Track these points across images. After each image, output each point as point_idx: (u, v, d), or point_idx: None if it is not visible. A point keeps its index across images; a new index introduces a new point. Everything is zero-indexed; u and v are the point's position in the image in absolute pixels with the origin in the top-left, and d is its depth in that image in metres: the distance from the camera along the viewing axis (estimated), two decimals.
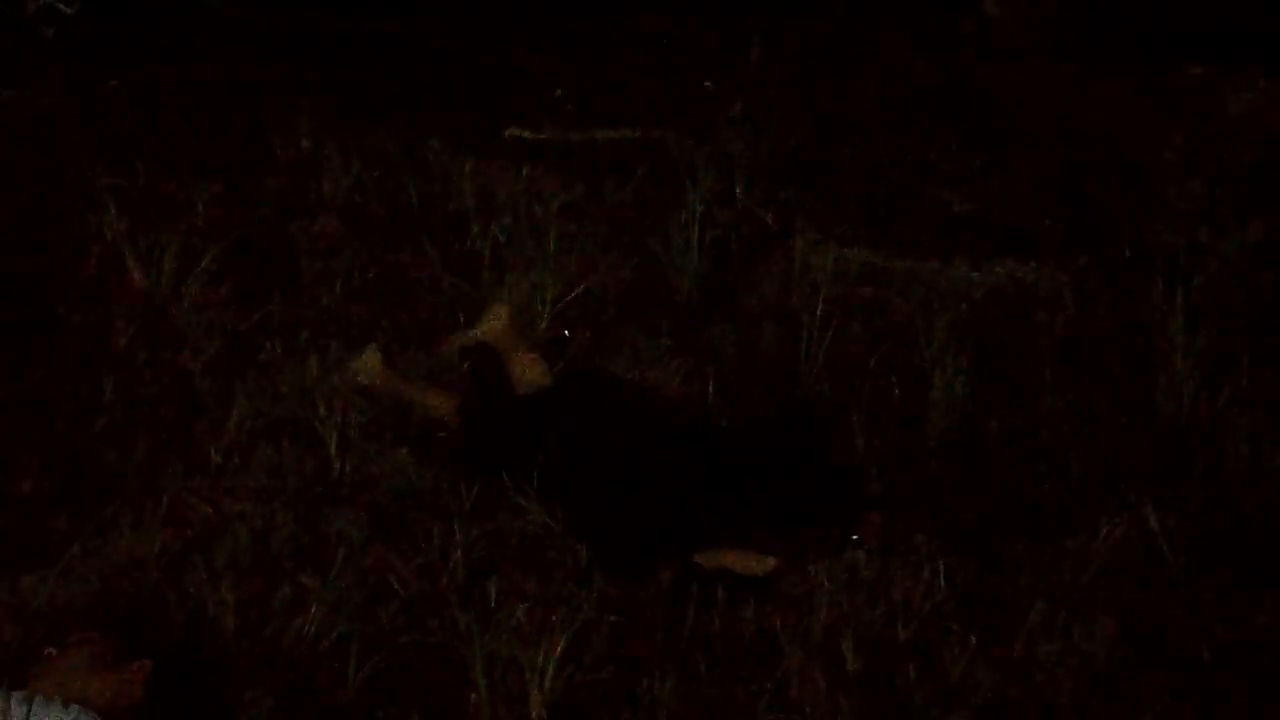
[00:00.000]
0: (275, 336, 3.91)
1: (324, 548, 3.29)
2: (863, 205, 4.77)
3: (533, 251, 4.24)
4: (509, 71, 5.45)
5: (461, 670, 3.04)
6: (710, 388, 3.89)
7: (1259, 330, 4.17)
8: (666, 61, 5.59)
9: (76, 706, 2.61)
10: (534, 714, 2.97)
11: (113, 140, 4.73)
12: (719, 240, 4.42)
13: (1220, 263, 4.47)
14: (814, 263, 4.36)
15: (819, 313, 4.05)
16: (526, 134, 5.06)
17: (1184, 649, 3.21)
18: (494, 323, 3.91)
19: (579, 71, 5.47)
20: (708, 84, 5.46)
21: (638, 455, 3.51)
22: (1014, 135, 5.19)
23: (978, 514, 3.56)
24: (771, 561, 3.30)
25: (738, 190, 4.68)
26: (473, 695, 2.99)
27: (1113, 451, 3.74)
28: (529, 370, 3.79)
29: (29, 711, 2.56)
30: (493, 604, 3.17)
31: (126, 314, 3.91)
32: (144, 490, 3.40)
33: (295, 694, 2.98)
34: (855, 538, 3.39)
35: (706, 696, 3.05)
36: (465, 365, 3.87)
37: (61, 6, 5.37)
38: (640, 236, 4.42)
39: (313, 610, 3.10)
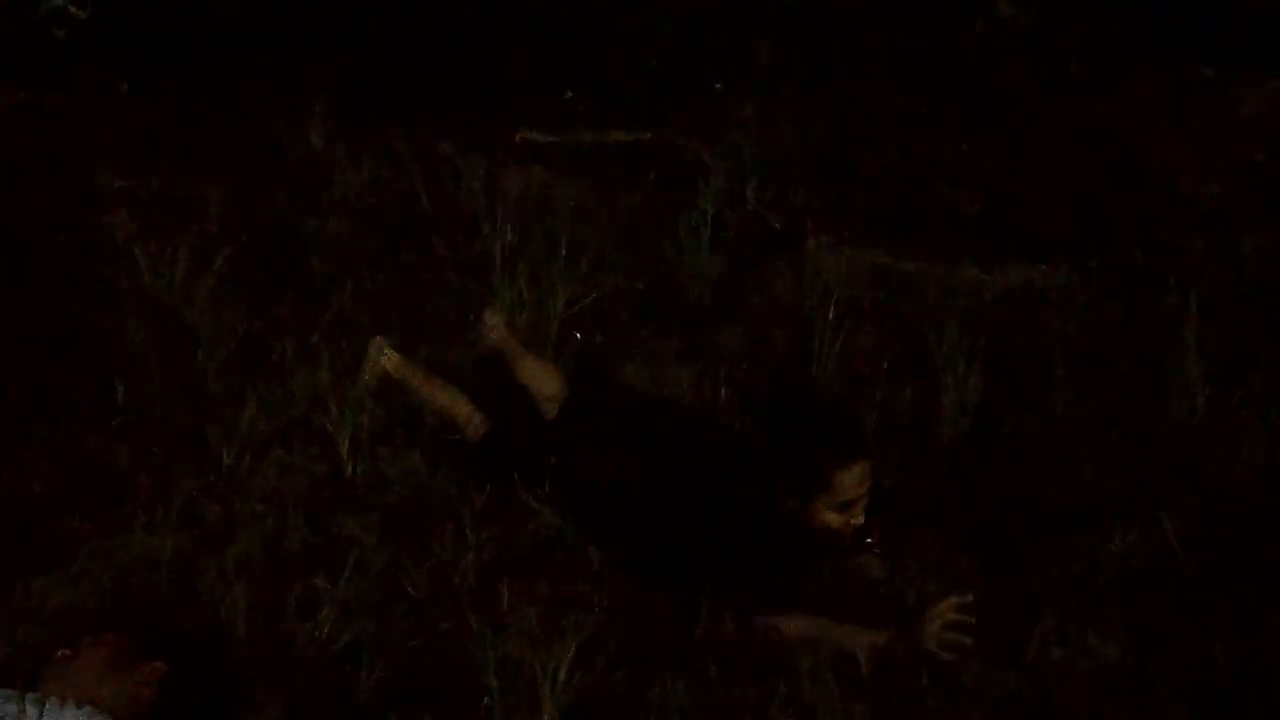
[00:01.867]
0: (287, 338, 3.91)
1: (336, 550, 3.29)
2: (874, 207, 4.76)
3: (544, 253, 4.24)
4: (520, 72, 5.45)
5: (473, 673, 3.04)
6: (722, 391, 3.88)
7: (1272, 332, 4.15)
8: (677, 63, 5.58)
9: (89, 708, 2.61)
10: (546, 716, 2.96)
11: (124, 142, 4.75)
12: (730, 242, 4.42)
13: (1232, 265, 4.46)
14: (825, 265, 4.36)
15: (830, 315, 4.04)
16: (537, 135, 5.06)
17: (1198, 653, 3.19)
18: (492, 334, 3.84)
19: (590, 73, 5.47)
20: (718, 85, 5.45)
21: (649, 459, 3.49)
22: (1025, 136, 5.18)
23: (989, 517, 3.55)
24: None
25: (749, 192, 4.67)
26: (485, 698, 2.99)
27: (1125, 454, 3.73)
28: (545, 382, 3.74)
29: (41, 713, 2.57)
30: (504, 606, 3.18)
31: (138, 315, 3.92)
32: (156, 492, 3.40)
33: (307, 697, 2.98)
34: (867, 540, 3.38)
35: (718, 700, 3.04)
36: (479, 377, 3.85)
37: (73, 9, 5.38)
38: (651, 238, 4.42)
39: (324, 612, 3.10)
